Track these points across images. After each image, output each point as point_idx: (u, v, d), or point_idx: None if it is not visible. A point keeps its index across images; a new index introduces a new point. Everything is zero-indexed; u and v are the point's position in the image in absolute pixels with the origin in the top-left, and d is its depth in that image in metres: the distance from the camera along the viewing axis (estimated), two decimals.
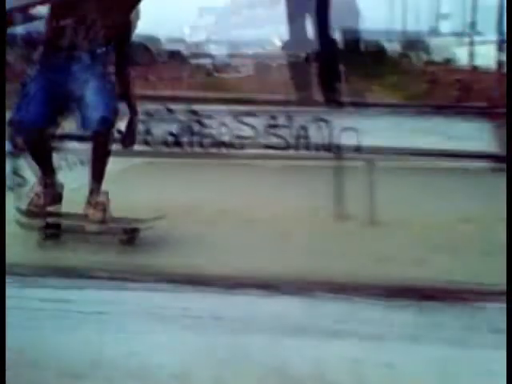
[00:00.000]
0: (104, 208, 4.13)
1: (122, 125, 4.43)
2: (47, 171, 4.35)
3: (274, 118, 7.06)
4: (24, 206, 4.31)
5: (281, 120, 6.91)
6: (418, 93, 9.72)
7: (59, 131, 4.97)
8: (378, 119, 6.91)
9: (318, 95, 7.49)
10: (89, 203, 4.16)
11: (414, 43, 18.04)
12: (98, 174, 4.19)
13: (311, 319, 2.84)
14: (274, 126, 7.05)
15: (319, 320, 2.83)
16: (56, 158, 4.44)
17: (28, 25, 4.41)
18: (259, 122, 6.91)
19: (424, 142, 6.38)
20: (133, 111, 4.42)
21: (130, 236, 4.17)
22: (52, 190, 4.32)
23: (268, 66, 11.97)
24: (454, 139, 6.39)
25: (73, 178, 4.45)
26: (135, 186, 4.81)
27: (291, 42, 7.44)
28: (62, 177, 4.43)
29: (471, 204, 4.97)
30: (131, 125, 4.41)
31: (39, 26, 4.33)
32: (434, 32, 18.15)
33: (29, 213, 4.29)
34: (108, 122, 4.14)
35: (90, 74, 4.20)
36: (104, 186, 4.23)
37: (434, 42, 17.70)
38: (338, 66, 7.86)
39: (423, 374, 2.50)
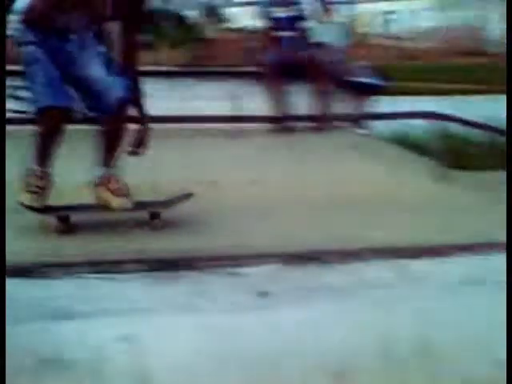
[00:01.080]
0: (128, 193, 3.92)
1: None
2: (48, 162, 3.90)
3: None
4: (31, 203, 3.88)
5: None
6: (204, 58, 10.20)
7: None
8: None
9: None
10: (108, 190, 3.89)
11: (211, 12, 18.58)
12: (113, 159, 3.93)
13: None
14: None
15: None
16: None
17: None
18: None
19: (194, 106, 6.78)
20: (137, 90, 4.03)
21: (157, 219, 4.00)
22: (49, 182, 3.93)
23: None
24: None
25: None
26: None
27: None
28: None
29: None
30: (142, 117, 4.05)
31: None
32: (230, 2, 18.76)
33: (41, 209, 3.91)
34: (124, 104, 3.89)
35: (96, 54, 3.87)
36: None
37: (229, 11, 18.34)
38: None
39: None
